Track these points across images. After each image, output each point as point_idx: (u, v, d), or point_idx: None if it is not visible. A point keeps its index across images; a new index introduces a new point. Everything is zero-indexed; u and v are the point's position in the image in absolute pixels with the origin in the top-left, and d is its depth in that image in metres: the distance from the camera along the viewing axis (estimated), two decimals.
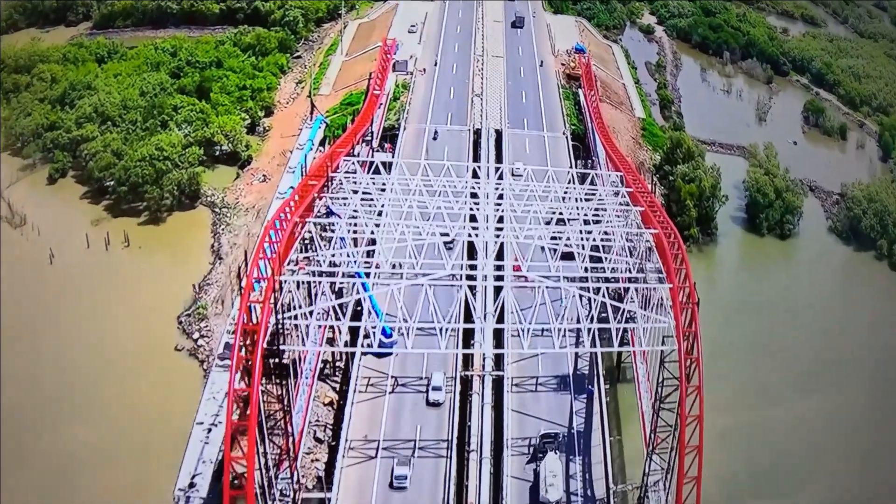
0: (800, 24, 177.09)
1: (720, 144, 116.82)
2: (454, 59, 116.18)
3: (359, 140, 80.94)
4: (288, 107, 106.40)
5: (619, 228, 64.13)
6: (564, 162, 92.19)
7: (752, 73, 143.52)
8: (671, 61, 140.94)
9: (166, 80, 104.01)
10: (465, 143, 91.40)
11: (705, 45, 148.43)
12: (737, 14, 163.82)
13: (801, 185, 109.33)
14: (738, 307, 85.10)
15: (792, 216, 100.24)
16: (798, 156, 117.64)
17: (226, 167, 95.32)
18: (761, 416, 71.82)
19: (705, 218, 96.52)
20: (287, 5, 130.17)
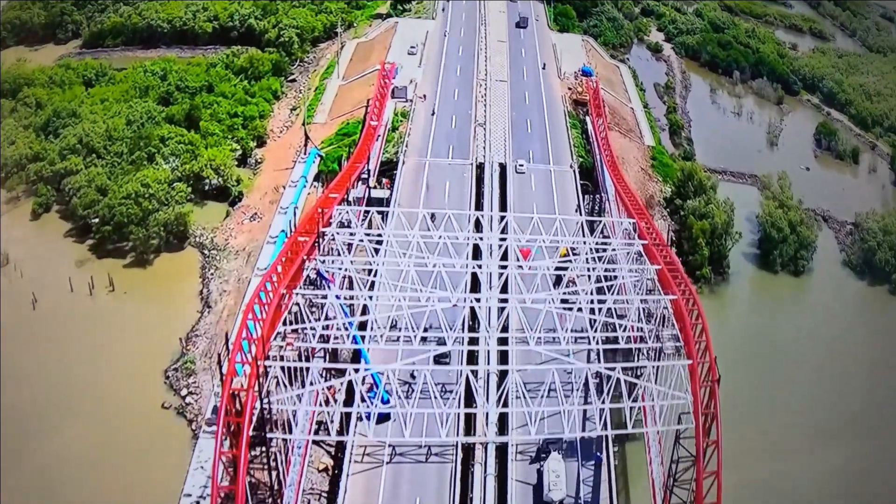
0: (808, 38, 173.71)
1: (731, 173, 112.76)
2: (456, 84, 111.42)
3: (354, 182, 76.69)
4: (281, 136, 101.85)
5: (635, 296, 60.11)
6: (572, 199, 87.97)
7: (763, 93, 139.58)
8: (680, 82, 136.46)
9: (154, 108, 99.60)
10: (466, 185, 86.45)
11: (714, 64, 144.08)
12: (746, 30, 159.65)
13: (814, 216, 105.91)
14: (751, 353, 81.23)
15: (806, 251, 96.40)
16: (810, 183, 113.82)
17: (215, 203, 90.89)
18: (775, 472, 67.90)
19: (717, 256, 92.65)
20: (282, 24, 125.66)
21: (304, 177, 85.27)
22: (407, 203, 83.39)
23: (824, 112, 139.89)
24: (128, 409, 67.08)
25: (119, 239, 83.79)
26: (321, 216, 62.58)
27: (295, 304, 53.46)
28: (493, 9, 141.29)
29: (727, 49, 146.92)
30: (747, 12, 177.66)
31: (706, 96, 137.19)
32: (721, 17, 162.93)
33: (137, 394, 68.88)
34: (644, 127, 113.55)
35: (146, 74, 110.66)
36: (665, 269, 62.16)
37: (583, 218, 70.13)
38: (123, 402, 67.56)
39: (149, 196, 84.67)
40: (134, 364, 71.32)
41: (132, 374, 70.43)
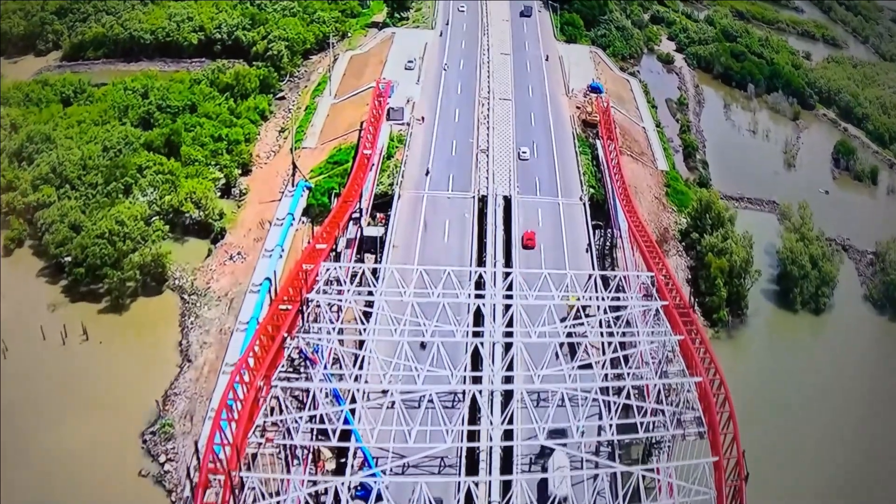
0: (821, 45, 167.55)
1: (749, 199, 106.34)
2: (456, 103, 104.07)
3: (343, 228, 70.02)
4: (268, 162, 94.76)
5: (655, 377, 53.91)
6: (582, 237, 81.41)
7: (778, 107, 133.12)
8: (693, 97, 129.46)
9: (132, 133, 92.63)
10: (467, 225, 79.64)
11: (728, 76, 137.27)
12: (759, 39, 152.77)
13: (834, 246, 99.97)
14: (771, 406, 75.13)
15: (828, 287, 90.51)
16: (830, 208, 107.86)
17: (196, 240, 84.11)
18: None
19: (735, 296, 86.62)
20: (271, 36, 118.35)
21: (291, 214, 78.63)
22: (403, 244, 77.04)
23: (841, 128, 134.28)
24: (102, 476, 61.40)
25: (93, 280, 77.65)
26: (305, 277, 56.19)
27: (274, 397, 47.26)
28: (496, 17, 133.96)
29: (741, 60, 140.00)
30: (759, 18, 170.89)
31: (720, 112, 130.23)
32: (733, 25, 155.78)
33: (112, 459, 63.17)
34: (657, 149, 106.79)
35: (126, 92, 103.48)
36: (688, 340, 56.07)
37: (596, 273, 63.70)
38: (97, 469, 61.90)
39: (123, 236, 78.37)
40: (108, 425, 65.35)
41: (107, 436, 64.54)
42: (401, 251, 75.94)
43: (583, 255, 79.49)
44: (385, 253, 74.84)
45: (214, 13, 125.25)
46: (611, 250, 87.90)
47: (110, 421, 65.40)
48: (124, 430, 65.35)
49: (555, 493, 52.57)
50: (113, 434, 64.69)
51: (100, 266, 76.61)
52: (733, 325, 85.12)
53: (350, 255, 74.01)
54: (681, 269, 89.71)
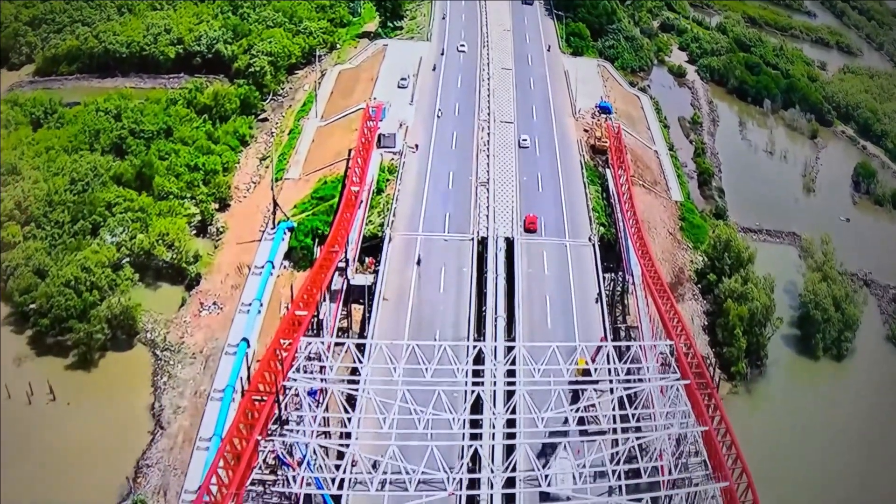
0: (835, 52, 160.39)
1: (768, 231, 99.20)
2: (454, 127, 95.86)
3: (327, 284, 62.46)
4: (248, 195, 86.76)
5: (681, 489, 46.89)
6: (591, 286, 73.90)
7: (795, 125, 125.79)
8: (707, 114, 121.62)
9: (101, 164, 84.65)
10: (465, 278, 71.82)
11: (743, 90, 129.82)
12: (773, 48, 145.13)
13: (857, 282, 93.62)
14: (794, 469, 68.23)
15: (850, 331, 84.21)
16: (851, 237, 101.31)
17: (169, 286, 76.77)
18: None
19: (755, 345, 79.71)
20: (254, 50, 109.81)
21: (271, 262, 71.12)
22: (394, 296, 69.37)
23: (860, 146, 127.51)
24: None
25: (60, 332, 70.72)
26: (281, 361, 48.86)
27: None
28: (496, 28, 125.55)
29: (756, 73, 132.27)
30: (772, 24, 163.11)
31: (735, 130, 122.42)
32: (746, 34, 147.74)
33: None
34: (670, 176, 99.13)
35: (98, 114, 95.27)
36: (713, 433, 49.26)
37: (609, 345, 56.70)
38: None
39: (90, 285, 71.12)
40: (77, 500, 58.20)
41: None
42: (391, 305, 68.52)
43: (592, 307, 72.11)
44: (374, 307, 67.47)
45: (194, 23, 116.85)
46: (622, 296, 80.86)
47: (79, 495, 58.61)
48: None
49: (557, 496, 51.32)
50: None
51: (65, 318, 69.85)
52: (751, 378, 78.40)
53: (335, 309, 66.65)
54: (697, 316, 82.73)
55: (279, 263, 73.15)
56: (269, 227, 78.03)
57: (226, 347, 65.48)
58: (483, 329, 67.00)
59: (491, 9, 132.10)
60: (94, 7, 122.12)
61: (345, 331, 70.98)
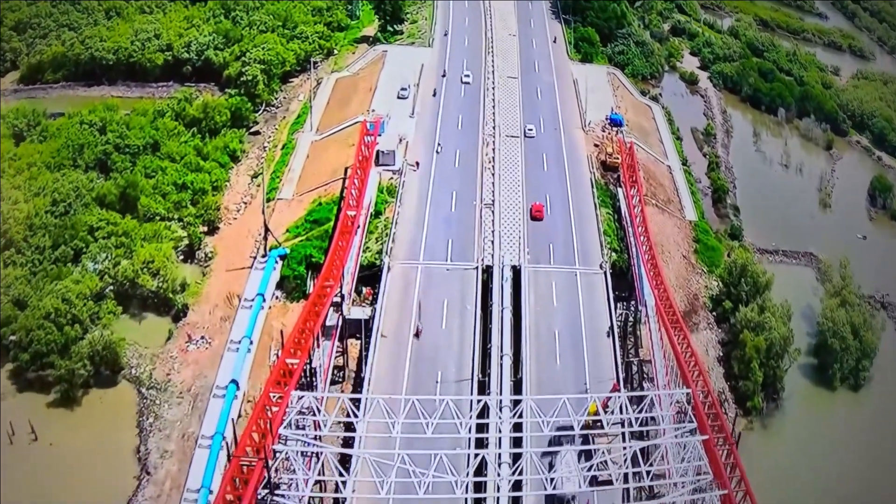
0: (848, 56, 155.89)
1: (784, 252, 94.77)
2: (457, 143, 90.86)
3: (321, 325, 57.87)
4: (238, 217, 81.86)
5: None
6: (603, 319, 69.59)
7: (810, 135, 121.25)
8: (721, 125, 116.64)
9: (83, 184, 79.88)
10: (469, 316, 67.08)
11: (756, 98, 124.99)
12: (786, 53, 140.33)
13: (874, 304, 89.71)
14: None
15: (868, 360, 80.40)
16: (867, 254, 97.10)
17: (155, 317, 72.15)
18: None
19: (772, 378, 75.58)
20: (246, 58, 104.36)
21: (261, 295, 66.57)
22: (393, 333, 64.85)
23: (875, 157, 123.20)
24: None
25: (41, 367, 66.30)
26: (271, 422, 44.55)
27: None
28: (501, 32, 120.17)
29: (770, 80, 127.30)
30: (784, 27, 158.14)
31: (749, 141, 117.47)
32: (759, 38, 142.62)
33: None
34: (684, 193, 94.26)
35: (82, 127, 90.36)
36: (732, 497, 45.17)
37: (623, 394, 52.51)
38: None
39: (71, 318, 66.78)
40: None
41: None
42: (390, 342, 64.12)
43: (603, 342, 67.77)
44: (372, 345, 63.13)
45: (185, 28, 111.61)
46: (634, 326, 76.51)
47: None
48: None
49: (563, 493, 50.56)
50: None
51: (46, 353, 65.52)
52: (767, 412, 74.32)
53: (330, 349, 62.22)
54: (711, 346, 78.46)
55: (270, 295, 68.51)
56: (260, 255, 73.31)
57: (214, 389, 60.81)
58: (488, 368, 63.03)
59: (496, 11, 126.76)
60: (81, 10, 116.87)
61: (340, 369, 66.66)
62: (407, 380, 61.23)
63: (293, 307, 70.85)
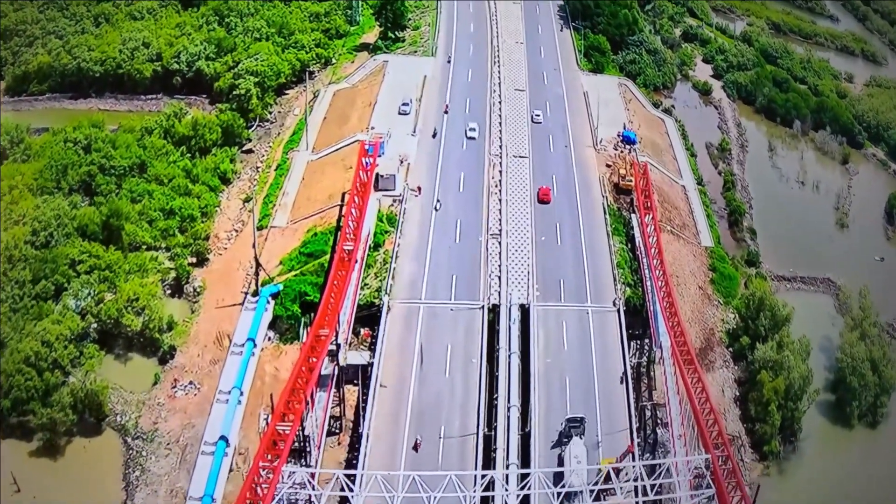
0: (860, 61, 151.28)
1: (802, 279, 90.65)
2: (462, 164, 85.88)
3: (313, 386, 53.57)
4: (229, 247, 77.18)
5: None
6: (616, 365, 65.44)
7: (826, 148, 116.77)
8: (736, 139, 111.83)
9: (65, 211, 75.27)
10: (474, 369, 62.59)
11: (771, 109, 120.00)
12: (800, 60, 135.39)
13: (893, 334, 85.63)
14: None
15: (886, 395, 76.89)
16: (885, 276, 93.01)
17: (141, 358, 67.72)
18: None
19: (790, 420, 71.85)
20: (239, 69, 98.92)
21: (252, 340, 62.34)
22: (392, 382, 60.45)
23: (891, 171, 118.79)
24: None
25: (22, 413, 62.45)
26: None
27: None
28: (508, 41, 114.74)
29: (784, 90, 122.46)
30: (796, 31, 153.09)
31: (765, 156, 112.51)
32: (772, 44, 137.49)
33: None
34: (699, 217, 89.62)
35: (66, 145, 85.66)
36: None
37: (640, 464, 48.60)
38: None
39: (52, 362, 62.69)
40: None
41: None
42: (390, 393, 59.92)
43: (616, 389, 63.67)
44: (370, 396, 58.92)
45: (175, 36, 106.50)
46: (648, 367, 72.47)
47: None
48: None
49: (570, 483, 51.65)
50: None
51: (26, 400, 61.56)
52: (784, 455, 70.54)
53: (326, 401, 58.13)
54: (728, 386, 74.47)
55: (262, 340, 64.34)
56: (251, 292, 68.84)
57: (203, 445, 56.96)
58: (495, 421, 59.01)
59: (502, 17, 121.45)
60: (69, 17, 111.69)
61: (337, 419, 62.56)
62: (407, 436, 57.27)
63: (287, 349, 66.64)
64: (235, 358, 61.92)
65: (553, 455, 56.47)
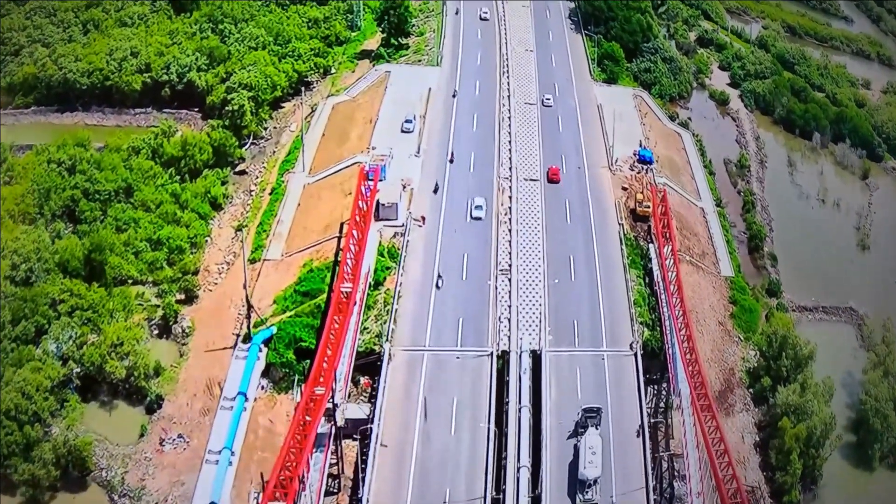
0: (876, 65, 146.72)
1: (824, 309, 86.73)
2: (469, 190, 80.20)
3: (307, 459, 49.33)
4: (220, 282, 72.53)
5: None
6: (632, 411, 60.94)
7: (846, 162, 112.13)
8: (755, 153, 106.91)
9: (45, 244, 70.54)
10: (482, 410, 58.57)
11: (790, 120, 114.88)
12: (817, 67, 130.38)
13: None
14: None
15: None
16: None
17: (127, 406, 63.45)
18: None
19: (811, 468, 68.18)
20: (232, 80, 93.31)
21: (243, 394, 58.01)
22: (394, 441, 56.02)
23: None
24: None
25: (4, 467, 58.41)
26: None
27: None
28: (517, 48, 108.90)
29: (803, 99, 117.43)
30: (812, 34, 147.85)
31: (784, 171, 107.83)
32: (789, 49, 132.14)
33: None
34: (719, 243, 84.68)
35: (50, 166, 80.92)
36: None
37: None
38: None
39: (31, 415, 58.57)
40: None
41: None
42: (391, 452, 55.59)
43: (633, 443, 59.41)
44: (370, 456, 54.69)
45: (165, 45, 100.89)
46: (665, 412, 68.24)
47: None
48: None
49: (585, 475, 53.28)
50: None
51: (7, 455, 57.69)
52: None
53: (323, 463, 53.92)
54: (747, 432, 70.32)
55: (254, 392, 60.00)
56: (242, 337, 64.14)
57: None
58: (503, 484, 54.88)
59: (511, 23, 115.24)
60: (56, 24, 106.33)
61: (335, 477, 58.49)
62: (410, 500, 53.09)
63: (280, 399, 62.33)
64: (226, 413, 57.65)
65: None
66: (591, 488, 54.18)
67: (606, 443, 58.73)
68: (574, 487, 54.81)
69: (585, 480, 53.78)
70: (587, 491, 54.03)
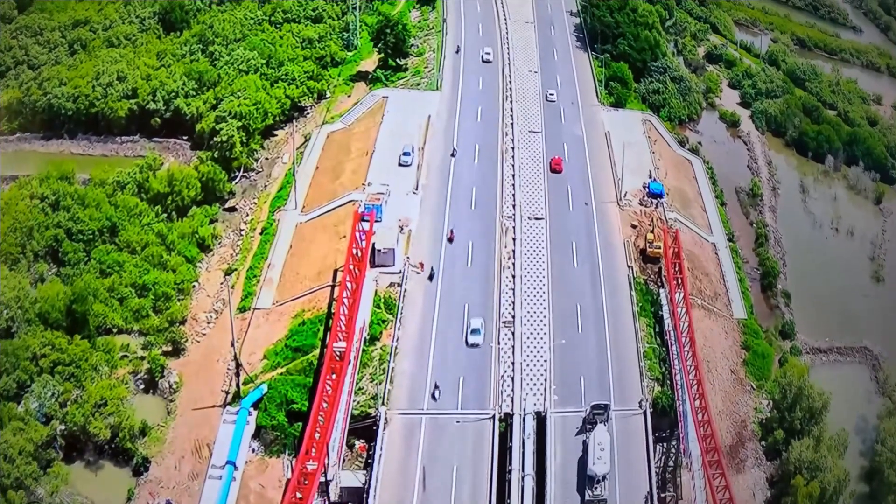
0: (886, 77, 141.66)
1: (838, 350, 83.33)
2: (471, 231, 76.48)
3: None
4: (208, 332, 69.06)
5: None
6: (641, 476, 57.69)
7: (859, 186, 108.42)
8: (767, 180, 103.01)
9: (25, 292, 67.39)
10: (483, 478, 55.52)
11: (802, 142, 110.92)
12: (829, 83, 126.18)
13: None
14: None
15: None
16: None
17: (113, 468, 60.34)
18: None
19: None
20: (222, 109, 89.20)
21: (232, 463, 54.90)
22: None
23: None
24: None
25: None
26: None
27: None
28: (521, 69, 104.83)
29: (816, 120, 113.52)
30: (821, 47, 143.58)
31: (798, 199, 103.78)
32: (799, 65, 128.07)
33: None
34: (731, 283, 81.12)
35: (33, 202, 77.65)
36: None
37: None
38: None
39: (15, 481, 55.41)
40: None
41: None
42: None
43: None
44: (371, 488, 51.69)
45: (154, 67, 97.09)
46: (674, 470, 65.12)
47: None
48: None
49: (593, 471, 53.90)
50: None
51: None
52: None
53: None
54: (759, 489, 67.29)
55: (244, 459, 56.86)
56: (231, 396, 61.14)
57: None
58: None
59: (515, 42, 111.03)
60: (42, 44, 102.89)
61: None
62: None
63: (272, 462, 59.24)
64: (214, 483, 54.47)
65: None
66: (600, 484, 54.71)
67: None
68: (582, 483, 55.00)
69: (594, 476, 54.31)
70: (596, 487, 54.63)
